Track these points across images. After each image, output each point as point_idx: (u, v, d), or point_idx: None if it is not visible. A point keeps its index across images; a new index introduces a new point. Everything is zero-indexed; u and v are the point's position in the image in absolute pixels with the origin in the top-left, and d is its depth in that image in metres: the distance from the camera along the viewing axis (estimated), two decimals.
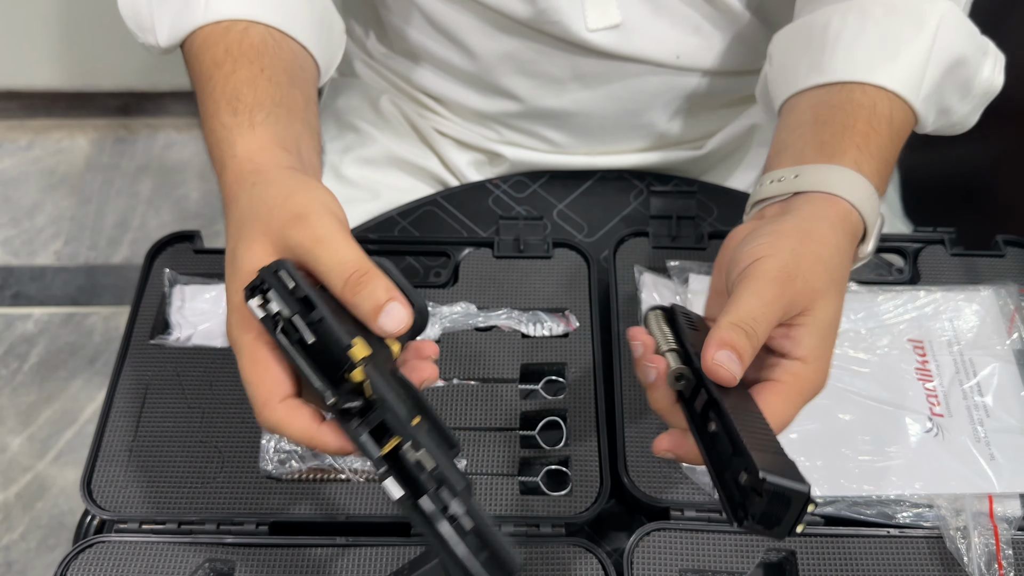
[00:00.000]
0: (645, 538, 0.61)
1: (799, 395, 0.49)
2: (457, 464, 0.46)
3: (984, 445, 0.64)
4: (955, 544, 0.60)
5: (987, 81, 0.66)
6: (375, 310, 0.45)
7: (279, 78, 0.59)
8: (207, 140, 0.58)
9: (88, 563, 0.61)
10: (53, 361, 1.62)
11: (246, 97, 0.56)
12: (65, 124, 1.95)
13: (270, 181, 0.51)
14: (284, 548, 0.61)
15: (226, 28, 0.60)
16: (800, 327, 0.50)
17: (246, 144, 0.54)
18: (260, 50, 0.60)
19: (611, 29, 0.74)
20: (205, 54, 0.60)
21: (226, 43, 0.59)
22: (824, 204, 0.54)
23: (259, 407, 0.47)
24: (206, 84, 0.59)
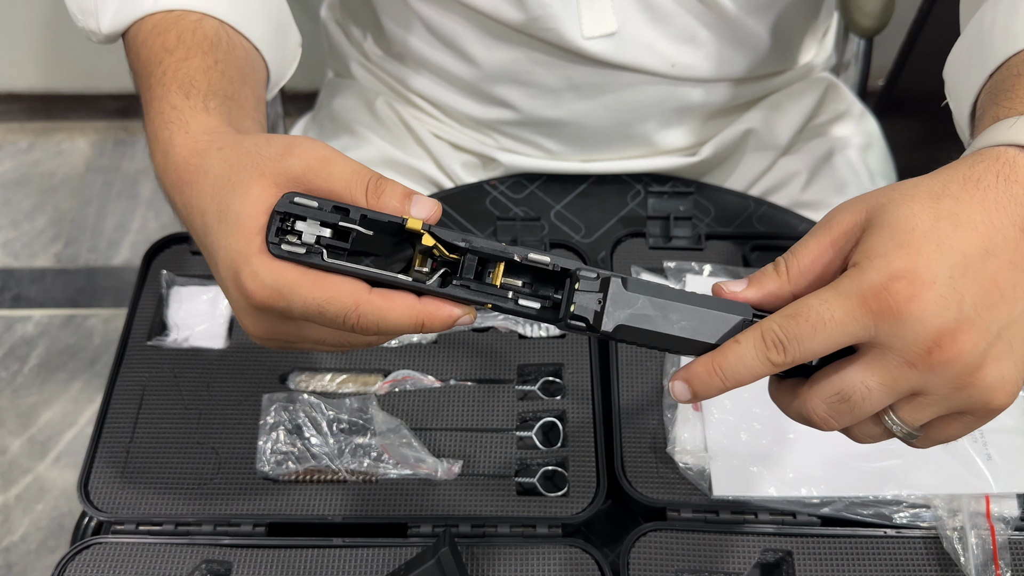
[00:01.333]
0: (642, 539, 0.61)
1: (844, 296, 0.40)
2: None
3: (981, 445, 0.64)
4: (952, 544, 0.60)
5: None
6: (404, 199, 0.43)
7: (232, 74, 0.56)
8: (148, 126, 0.54)
9: (85, 564, 0.61)
10: (53, 363, 1.62)
11: (199, 83, 0.53)
12: (65, 126, 1.96)
13: (238, 140, 0.47)
14: (281, 549, 0.61)
15: (178, 17, 0.58)
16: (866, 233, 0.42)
17: (199, 123, 0.50)
18: (214, 42, 0.57)
19: (607, 37, 0.74)
20: (155, 40, 0.57)
21: (178, 31, 0.57)
22: (989, 162, 0.43)
23: (352, 313, 0.42)
24: (154, 69, 0.55)
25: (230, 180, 0.45)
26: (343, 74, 0.94)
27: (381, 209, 0.43)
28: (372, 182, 0.44)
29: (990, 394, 0.41)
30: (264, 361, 0.69)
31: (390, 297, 0.43)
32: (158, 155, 0.52)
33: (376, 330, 0.43)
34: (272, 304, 0.43)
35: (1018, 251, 0.41)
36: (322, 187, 0.44)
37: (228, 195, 0.45)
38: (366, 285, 0.43)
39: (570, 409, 0.67)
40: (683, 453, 0.64)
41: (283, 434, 0.65)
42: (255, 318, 0.46)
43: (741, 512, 0.63)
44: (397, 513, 0.62)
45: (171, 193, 0.50)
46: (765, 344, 0.41)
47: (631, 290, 0.43)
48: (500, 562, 0.60)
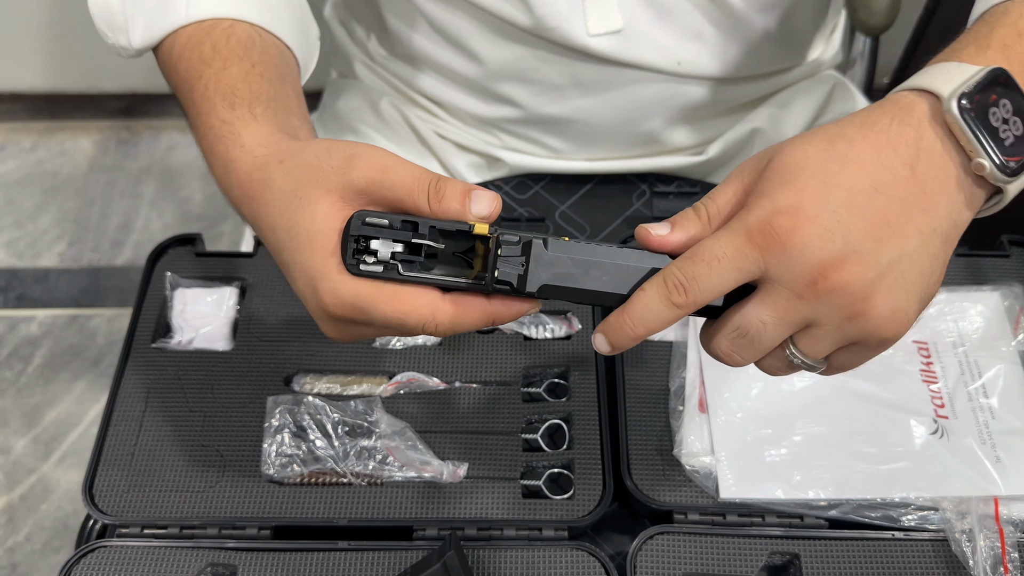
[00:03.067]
0: (648, 542, 0.61)
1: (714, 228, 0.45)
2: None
3: (989, 447, 0.64)
4: (960, 547, 0.60)
5: None
6: (464, 198, 0.45)
7: (270, 74, 0.57)
8: (202, 142, 0.56)
9: (90, 568, 0.61)
10: (57, 363, 1.62)
11: (241, 92, 0.54)
12: (68, 126, 1.96)
13: (298, 151, 0.49)
14: (286, 552, 0.61)
15: (210, 26, 0.58)
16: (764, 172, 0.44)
17: (251, 135, 0.52)
18: (248, 47, 0.58)
19: (612, 35, 0.74)
20: (191, 53, 0.58)
21: (212, 41, 0.58)
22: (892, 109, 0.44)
23: (430, 323, 0.45)
24: (195, 83, 0.57)
25: (296, 195, 0.47)
26: (347, 74, 0.93)
27: (444, 212, 0.45)
28: (432, 187, 0.45)
29: (881, 324, 0.43)
30: (269, 363, 0.69)
31: (463, 303, 0.46)
32: (217, 169, 0.53)
33: (452, 332, 0.46)
34: (353, 317, 0.46)
35: (907, 188, 0.42)
36: (386, 197, 0.46)
37: (296, 212, 0.46)
38: (439, 292, 0.46)
39: (576, 411, 0.67)
40: (690, 455, 0.64)
41: (288, 437, 0.64)
42: (335, 326, 0.48)
43: (748, 515, 0.62)
44: (402, 516, 0.62)
45: (237, 205, 0.52)
46: (667, 288, 0.43)
47: (552, 251, 0.44)
48: (506, 565, 0.60)
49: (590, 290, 0.45)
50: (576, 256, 0.45)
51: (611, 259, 0.45)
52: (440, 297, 0.45)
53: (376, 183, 0.45)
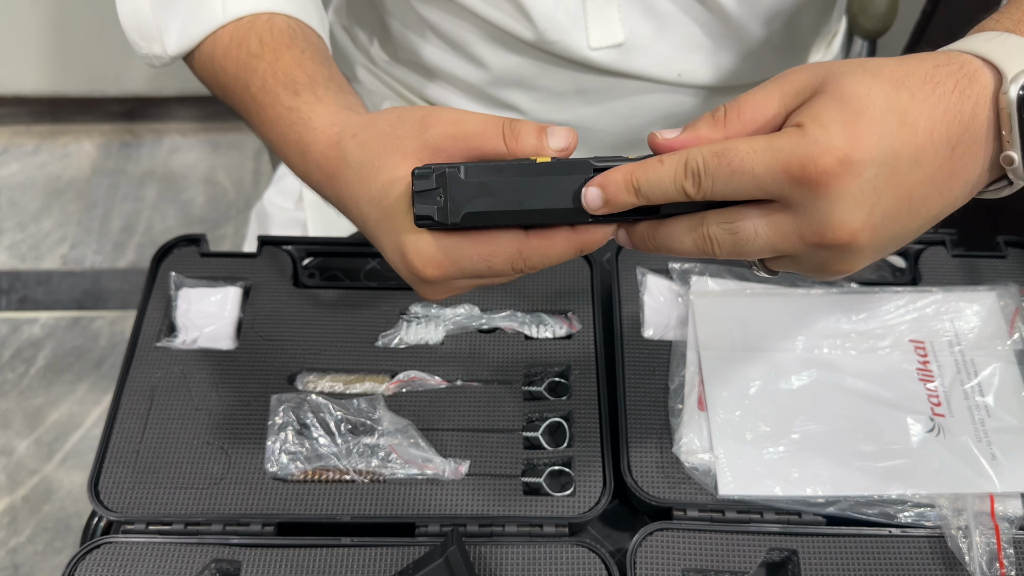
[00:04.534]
0: (648, 538, 0.62)
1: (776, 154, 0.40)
2: None
3: (985, 445, 0.65)
4: (956, 544, 0.61)
5: None
6: (540, 134, 0.44)
7: (319, 58, 0.58)
8: (270, 134, 0.56)
9: (95, 564, 0.61)
10: (59, 365, 1.63)
11: (300, 78, 0.55)
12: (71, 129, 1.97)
13: (370, 122, 0.49)
14: (290, 548, 0.61)
15: (250, 22, 0.59)
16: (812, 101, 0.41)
17: (320, 116, 0.52)
18: (292, 36, 0.58)
19: (613, 48, 0.74)
20: (238, 50, 0.58)
21: (257, 34, 0.58)
22: (915, 63, 0.42)
23: (517, 260, 0.45)
24: (251, 78, 0.57)
25: (374, 166, 0.47)
26: (349, 78, 0.94)
27: (522, 150, 0.45)
28: (507, 128, 0.45)
29: (844, 272, 0.43)
30: (272, 362, 0.70)
31: (548, 236, 0.45)
32: (294, 158, 0.53)
33: (542, 267, 0.46)
34: (444, 274, 0.46)
35: (941, 169, 0.41)
36: (463, 148, 0.45)
37: (376, 182, 0.46)
38: (522, 231, 0.45)
39: (576, 410, 0.67)
40: (689, 453, 0.65)
41: (291, 434, 0.65)
42: (429, 287, 0.48)
43: (747, 511, 0.63)
44: (405, 512, 0.63)
45: (321, 190, 0.52)
46: (685, 172, 0.41)
47: (470, 177, 0.43)
48: (507, 561, 0.61)
49: (524, 210, 0.44)
50: (498, 178, 0.43)
51: (535, 175, 0.44)
52: (524, 234, 0.45)
53: (451, 136, 0.45)
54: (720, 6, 0.72)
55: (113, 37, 1.78)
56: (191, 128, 1.98)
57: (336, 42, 0.94)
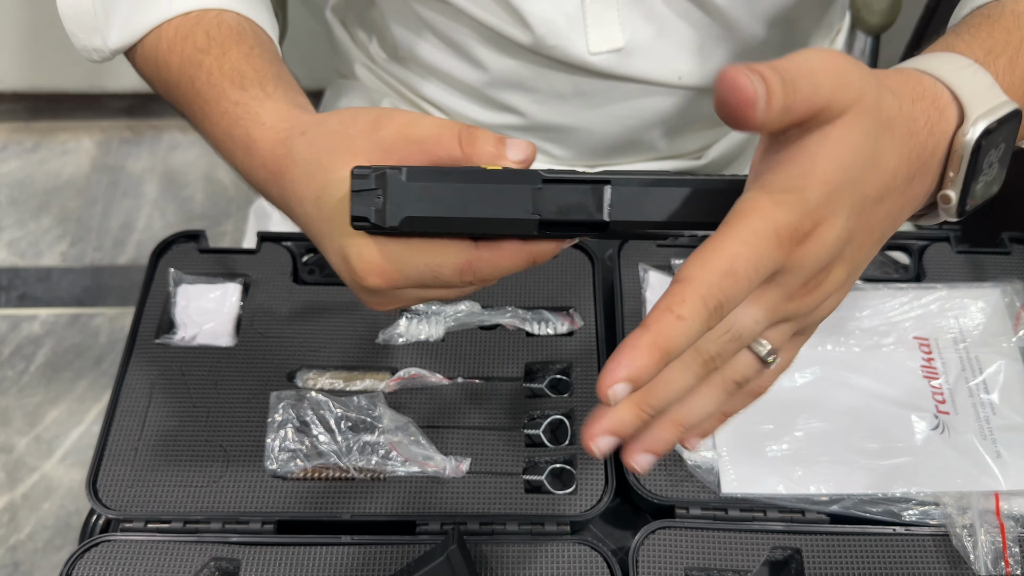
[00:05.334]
0: (650, 536, 0.61)
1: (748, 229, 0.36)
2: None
3: (990, 443, 0.64)
4: (961, 542, 0.60)
5: None
6: (498, 143, 0.42)
7: (269, 56, 0.55)
8: (214, 129, 0.53)
9: (94, 562, 0.61)
10: (59, 362, 1.62)
11: (248, 73, 0.53)
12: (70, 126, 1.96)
13: (321, 120, 0.47)
14: (289, 547, 0.61)
15: (197, 18, 0.57)
16: (797, 145, 0.38)
17: (269, 111, 0.50)
18: (241, 32, 0.56)
19: (613, 52, 0.73)
20: (183, 44, 0.56)
21: (204, 29, 0.56)
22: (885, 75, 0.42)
23: (467, 271, 0.43)
24: (196, 72, 0.54)
25: (321, 165, 0.44)
26: (347, 75, 0.94)
27: (478, 156, 0.42)
28: (464, 133, 0.43)
29: (824, 317, 0.42)
30: (272, 359, 0.69)
31: (497, 247, 0.43)
32: (239, 155, 0.51)
33: (493, 279, 0.44)
34: (388, 283, 0.43)
35: (899, 201, 0.41)
36: (414, 152, 0.43)
37: (322, 182, 0.44)
38: (471, 241, 0.43)
39: (578, 407, 0.67)
40: (691, 451, 0.64)
41: (291, 432, 0.65)
42: (375, 297, 0.46)
43: (750, 510, 0.62)
44: (406, 510, 0.62)
45: (265, 189, 0.50)
46: (707, 311, 0.35)
47: (412, 179, 0.40)
48: (509, 559, 0.60)
49: (472, 218, 0.40)
50: (441, 183, 0.40)
51: (481, 182, 0.40)
52: (472, 245, 0.43)
53: (404, 138, 0.43)
54: (719, 9, 0.72)
55: None
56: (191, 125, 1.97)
57: (335, 39, 0.93)
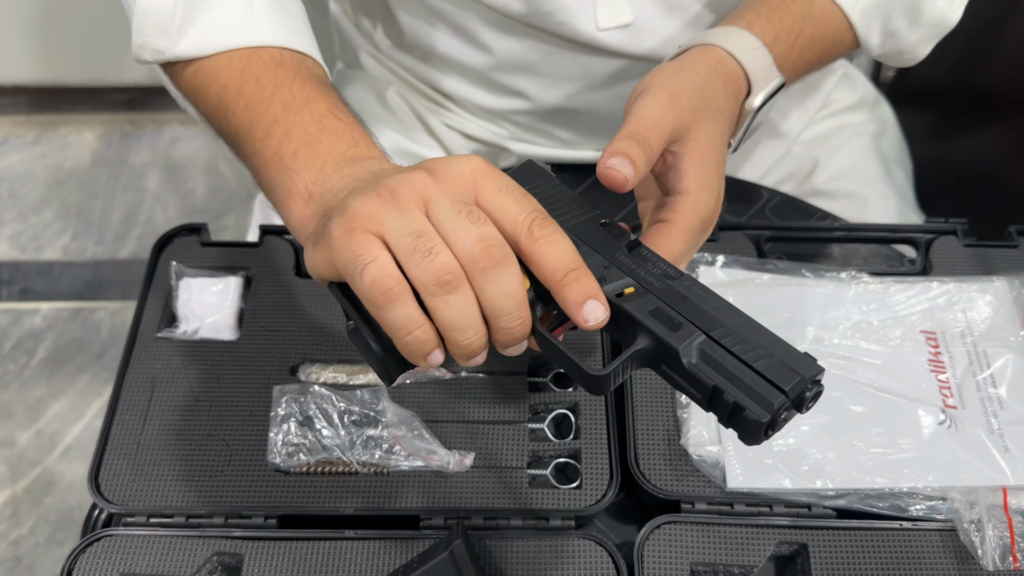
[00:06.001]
0: (655, 531, 0.61)
1: (686, 230, 0.51)
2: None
3: (998, 437, 0.64)
4: (969, 537, 0.60)
5: (941, 11, 0.64)
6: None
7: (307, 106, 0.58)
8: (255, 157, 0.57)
9: (96, 556, 0.60)
10: (61, 356, 1.62)
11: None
12: (72, 119, 1.95)
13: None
14: (292, 541, 0.61)
15: (252, 52, 0.60)
16: (682, 156, 0.52)
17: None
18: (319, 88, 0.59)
19: (621, 28, 0.73)
20: (244, 74, 0.59)
21: (258, 67, 0.59)
22: (700, 51, 0.57)
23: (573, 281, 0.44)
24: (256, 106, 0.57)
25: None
26: (352, 64, 0.93)
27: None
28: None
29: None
30: (275, 353, 0.69)
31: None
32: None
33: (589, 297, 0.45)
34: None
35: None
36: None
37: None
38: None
39: (582, 401, 0.66)
40: (697, 445, 0.64)
41: (294, 426, 0.64)
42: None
43: (756, 504, 0.62)
44: (409, 505, 0.62)
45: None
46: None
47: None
48: (513, 554, 0.60)
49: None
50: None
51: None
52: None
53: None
54: None
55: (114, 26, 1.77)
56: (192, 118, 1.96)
57: (340, 29, 0.93)
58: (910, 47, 0.66)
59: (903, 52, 0.67)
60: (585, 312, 0.43)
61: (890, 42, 0.65)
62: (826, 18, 0.61)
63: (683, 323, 0.44)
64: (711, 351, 0.43)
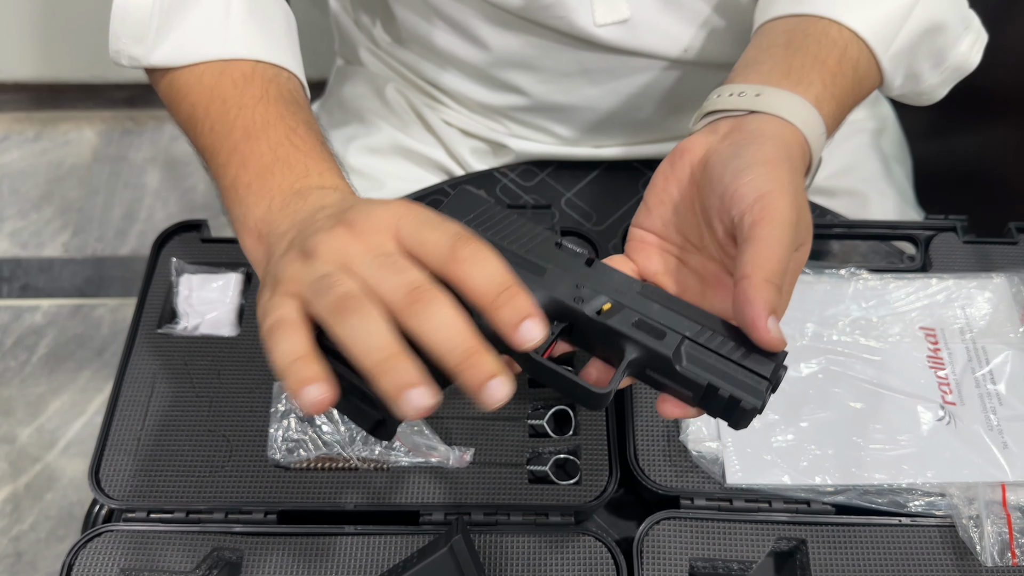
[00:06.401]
0: (655, 527, 0.61)
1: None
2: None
3: (997, 433, 0.64)
4: (968, 533, 0.60)
5: (963, 56, 0.64)
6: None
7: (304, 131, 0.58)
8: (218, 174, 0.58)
9: (97, 552, 0.61)
10: (61, 352, 1.62)
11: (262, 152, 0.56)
12: (72, 116, 1.95)
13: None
14: (292, 537, 0.61)
15: (223, 66, 0.60)
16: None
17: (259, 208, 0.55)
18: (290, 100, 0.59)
19: (619, 24, 0.73)
20: (212, 91, 0.60)
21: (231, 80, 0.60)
22: (786, 131, 0.52)
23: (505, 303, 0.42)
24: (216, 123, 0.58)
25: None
26: (352, 61, 0.93)
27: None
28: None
29: None
30: None
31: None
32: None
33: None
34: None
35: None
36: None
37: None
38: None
39: None
40: (696, 441, 0.64)
41: (294, 422, 0.64)
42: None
43: (755, 500, 0.62)
44: (409, 501, 0.62)
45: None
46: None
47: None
48: (513, 550, 0.60)
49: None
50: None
51: None
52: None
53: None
54: None
55: None
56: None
57: (340, 25, 0.93)
58: (930, 89, 0.66)
59: (922, 94, 0.67)
60: (522, 334, 0.41)
61: (911, 84, 0.64)
62: (865, 71, 0.60)
63: (665, 330, 0.46)
64: (696, 352, 0.45)
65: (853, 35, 0.58)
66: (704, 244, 0.52)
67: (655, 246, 0.53)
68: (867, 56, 0.59)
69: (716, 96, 0.55)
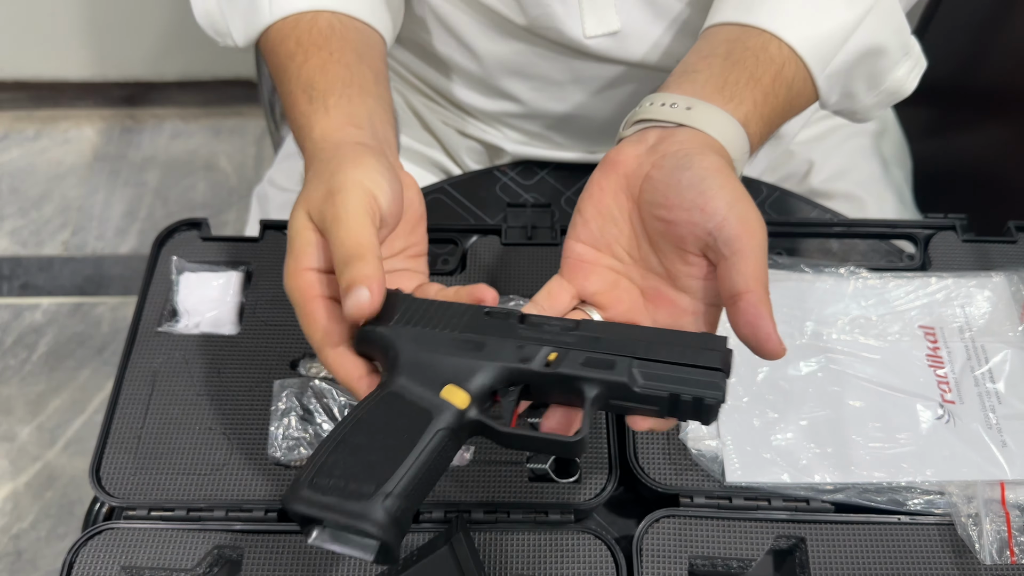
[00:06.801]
0: (654, 525, 0.61)
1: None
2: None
3: (996, 432, 0.64)
4: (967, 531, 0.60)
5: (899, 81, 0.65)
6: (346, 289, 0.48)
7: (347, 59, 0.62)
8: (292, 129, 0.62)
9: (97, 550, 0.61)
10: (61, 351, 1.62)
11: (319, 84, 0.60)
12: (72, 114, 1.96)
13: (331, 156, 0.54)
14: (293, 535, 0.61)
15: (294, 21, 0.63)
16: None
17: (322, 128, 0.57)
18: (327, 35, 0.63)
19: (609, 36, 0.73)
20: (279, 48, 0.63)
21: (296, 35, 0.63)
22: (714, 146, 0.53)
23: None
24: (282, 77, 0.62)
25: (300, 196, 0.54)
26: None
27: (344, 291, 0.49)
28: (347, 272, 0.48)
29: None
30: (275, 347, 0.69)
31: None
32: (301, 151, 0.60)
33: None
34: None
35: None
36: (327, 243, 0.51)
37: (295, 207, 0.53)
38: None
39: None
40: (696, 439, 0.64)
41: (294, 420, 0.65)
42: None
43: (754, 498, 0.62)
44: None
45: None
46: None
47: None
48: (513, 548, 0.60)
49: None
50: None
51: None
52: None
53: (326, 227, 0.50)
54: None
55: (114, 21, 1.77)
56: (192, 113, 1.97)
57: None
58: (864, 109, 0.67)
59: (856, 112, 0.67)
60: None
61: (846, 102, 0.65)
62: (799, 89, 0.60)
63: (613, 359, 0.48)
64: (648, 369, 0.47)
65: (792, 52, 0.58)
66: (642, 256, 0.52)
67: (592, 263, 0.53)
68: (803, 74, 0.59)
69: (648, 104, 0.56)
